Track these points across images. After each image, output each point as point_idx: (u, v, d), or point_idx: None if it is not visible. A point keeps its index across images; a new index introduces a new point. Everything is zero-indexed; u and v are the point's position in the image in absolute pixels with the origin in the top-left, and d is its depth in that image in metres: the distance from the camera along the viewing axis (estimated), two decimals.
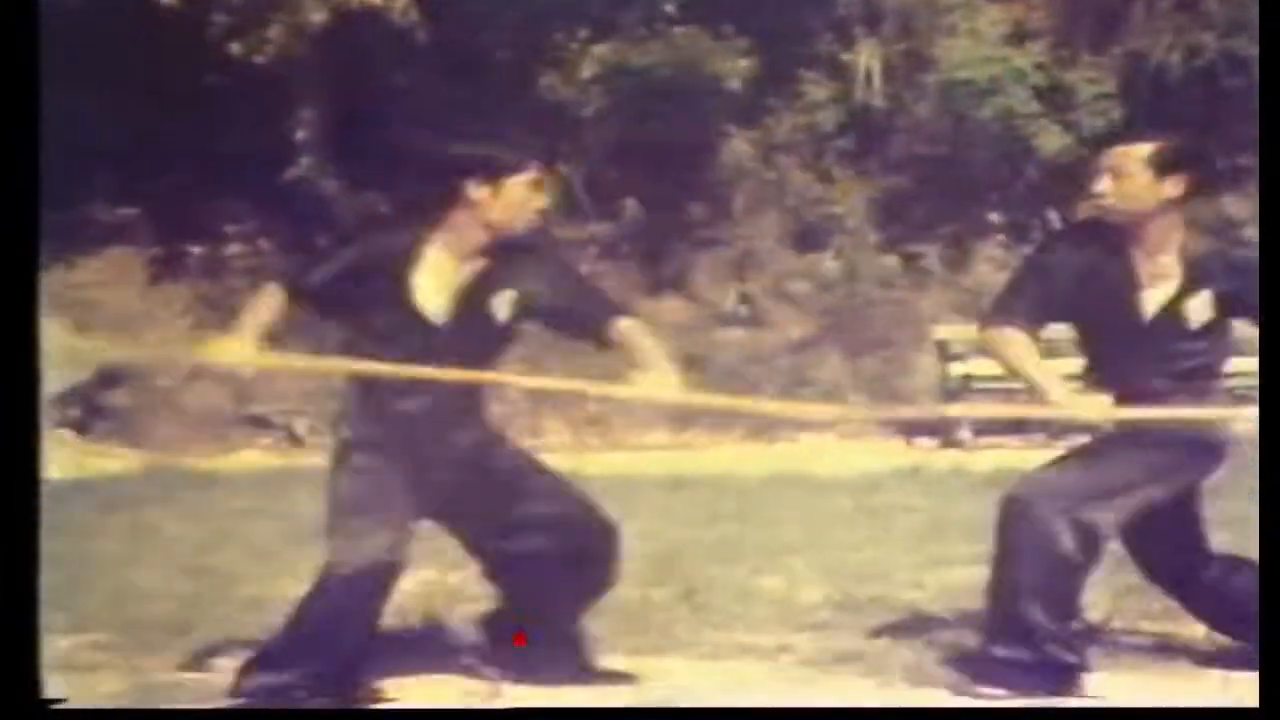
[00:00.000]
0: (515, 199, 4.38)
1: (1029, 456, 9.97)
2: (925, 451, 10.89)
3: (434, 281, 4.40)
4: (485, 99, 12.77)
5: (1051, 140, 12.99)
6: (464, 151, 4.46)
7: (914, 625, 5.34)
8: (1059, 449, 5.81)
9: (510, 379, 4.88)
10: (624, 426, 11.97)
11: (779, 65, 13.07)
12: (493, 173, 4.35)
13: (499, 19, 12.85)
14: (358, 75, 12.80)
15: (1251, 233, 4.58)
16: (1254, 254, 4.39)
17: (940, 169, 13.20)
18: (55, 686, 3.66)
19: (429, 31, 12.49)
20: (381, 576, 4.39)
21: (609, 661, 4.85)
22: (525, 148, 4.53)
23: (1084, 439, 4.96)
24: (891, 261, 12.88)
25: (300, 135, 12.76)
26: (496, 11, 12.79)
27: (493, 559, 4.68)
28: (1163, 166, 4.39)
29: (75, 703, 3.83)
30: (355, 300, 4.40)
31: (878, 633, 5.18)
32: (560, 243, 13.33)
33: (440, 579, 5.63)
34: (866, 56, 13.40)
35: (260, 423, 11.74)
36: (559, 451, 10.89)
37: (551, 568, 4.55)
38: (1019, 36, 13.52)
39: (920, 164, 13.28)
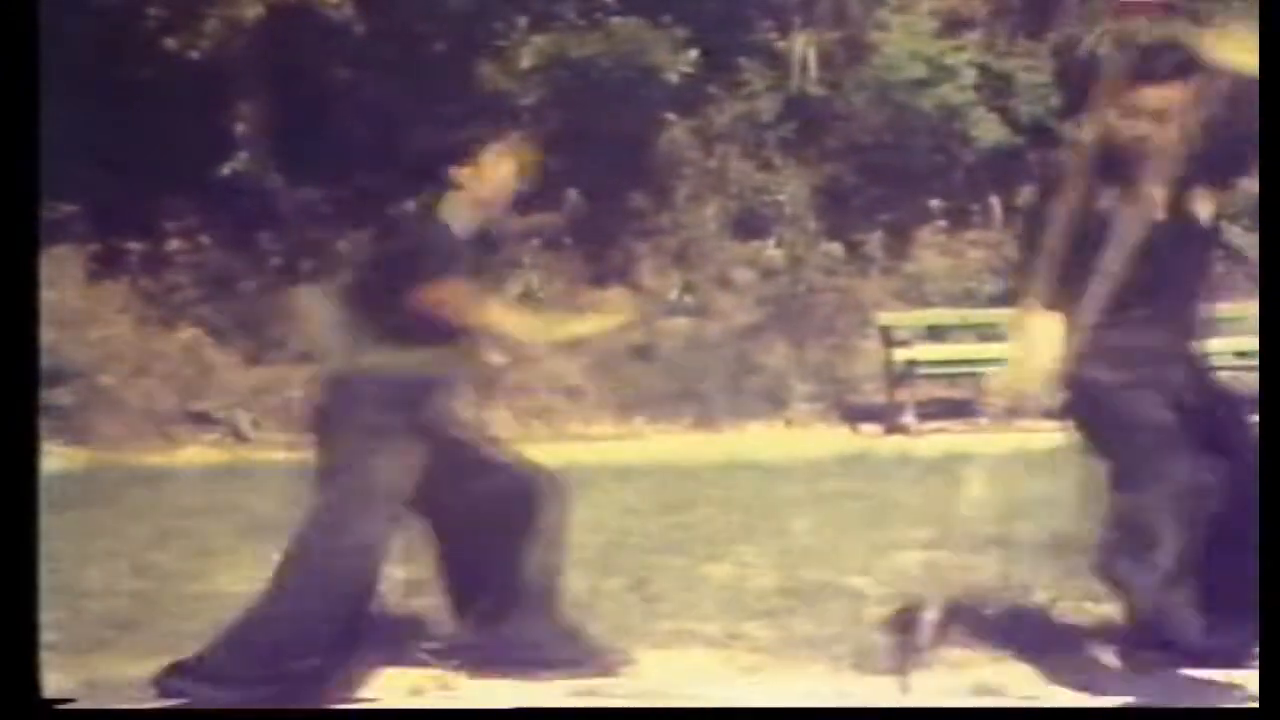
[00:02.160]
0: (497, 174, 4.53)
1: (973, 440, 10.08)
2: (870, 438, 10.95)
3: None
4: (424, 91, 12.74)
5: (990, 129, 13.09)
6: (430, 141, 4.67)
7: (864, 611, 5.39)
8: (1003, 432, 5.88)
9: None
10: (570, 416, 11.98)
11: (718, 54, 13.09)
12: (468, 153, 4.49)
13: (436, 10, 12.81)
14: (295, 69, 12.73)
15: None
16: None
17: (879, 157, 13.25)
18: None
19: (365, 24, 12.44)
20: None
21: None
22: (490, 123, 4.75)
23: (1030, 422, 5.01)
24: (834, 249, 12.93)
25: (239, 129, 12.68)
26: (434, 3, 12.75)
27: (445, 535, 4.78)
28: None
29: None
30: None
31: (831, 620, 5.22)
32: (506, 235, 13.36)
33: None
34: (803, 44, 13.44)
35: (205, 419, 11.68)
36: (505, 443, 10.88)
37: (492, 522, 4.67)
38: (954, 25, 13.59)
39: (860, 152, 13.33)
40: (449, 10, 12.84)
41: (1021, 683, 4.58)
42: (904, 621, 4.92)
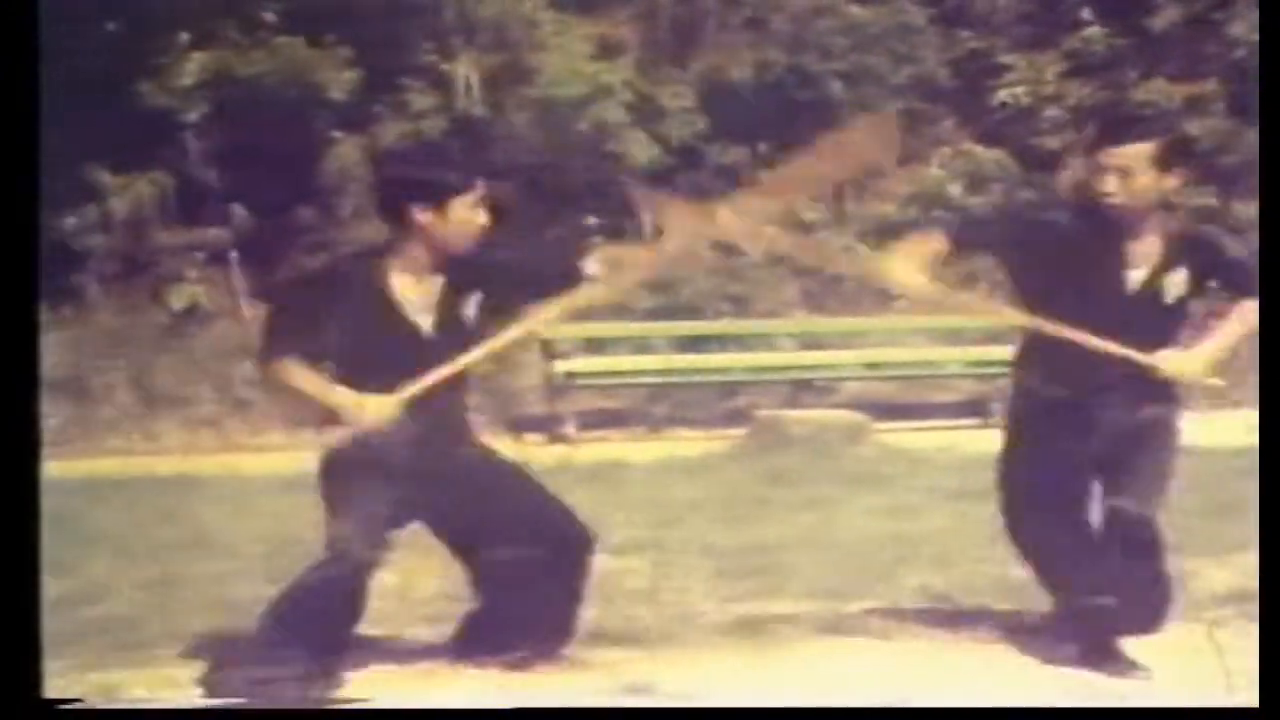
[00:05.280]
0: (460, 220, 4.49)
1: (632, 449, 10.57)
2: (534, 446, 11.32)
3: (411, 300, 4.55)
4: (80, 106, 12.59)
5: (641, 150, 13.65)
6: (403, 174, 4.60)
7: None
8: (663, 440, 6.29)
9: None
10: (238, 429, 11.99)
11: (381, 74, 13.29)
12: (436, 197, 4.46)
13: (92, 28, 12.66)
14: None
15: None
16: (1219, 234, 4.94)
17: (541, 176, 13.67)
18: None
19: None
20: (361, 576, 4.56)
21: None
22: (464, 167, 4.66)
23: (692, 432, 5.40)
24: None
25: None
26: (89, 21, 12.60)
27: (475, 565, 4.87)
28: (1164, 163, 4.68)
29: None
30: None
31: None
32: (165, 249, 13.30)
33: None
34: (465, 67, 13.76)
35: None
36: (172, 455, 10.86)
37: (530, 574, 4.74)
38: (608, 51, 14.10)
39: (522, 171, 13.72)
40: (106, 27, 12.71)
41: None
42: None
